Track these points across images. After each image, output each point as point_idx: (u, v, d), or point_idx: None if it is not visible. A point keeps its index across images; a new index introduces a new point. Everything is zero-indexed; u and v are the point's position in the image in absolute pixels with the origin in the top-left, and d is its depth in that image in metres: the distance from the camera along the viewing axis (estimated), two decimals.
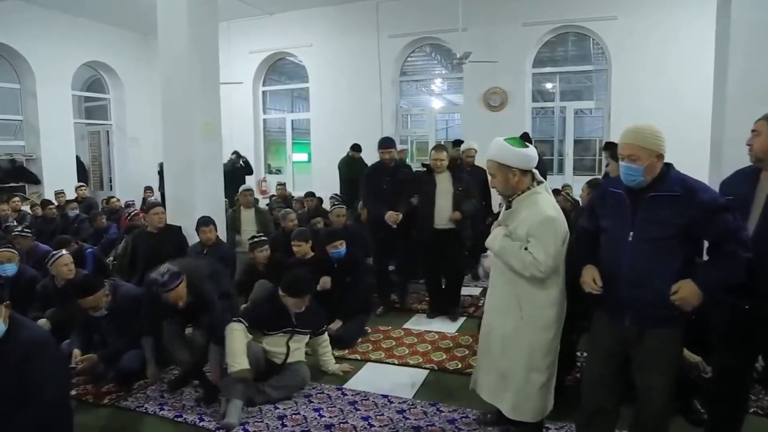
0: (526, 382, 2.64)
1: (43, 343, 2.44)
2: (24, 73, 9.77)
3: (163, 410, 3.35)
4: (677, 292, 2.10)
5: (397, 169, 5.24)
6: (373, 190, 5.18)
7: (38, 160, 9.90)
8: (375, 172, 5.28)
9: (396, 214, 4.92)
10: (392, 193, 5.04)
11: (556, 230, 2.49)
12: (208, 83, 5.99)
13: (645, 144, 2.13)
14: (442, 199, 4.78)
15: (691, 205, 2.08)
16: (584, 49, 9.32)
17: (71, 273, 4.33)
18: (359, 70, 9.86)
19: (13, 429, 2.28)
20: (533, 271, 2.49)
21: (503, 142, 2.59)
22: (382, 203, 5.03)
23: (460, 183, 4.83)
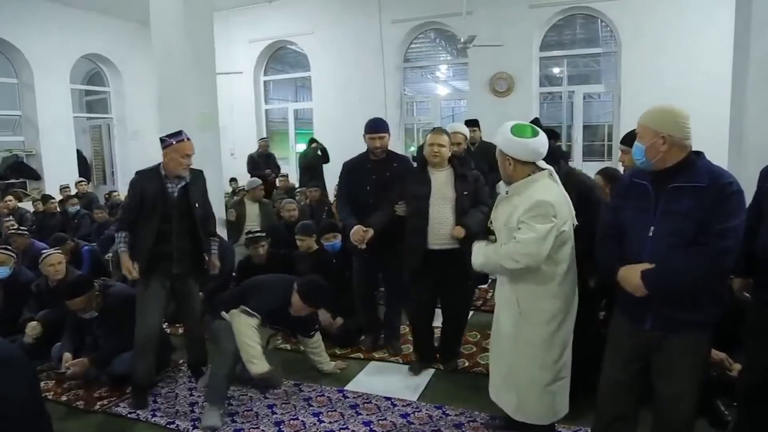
0: (529, 380, 2.49)
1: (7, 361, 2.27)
2: (21, 67, 9.63)
3: (155, 416, 3.20)
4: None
5: (389, 164, 3.76)
6: (350, 193, 3.83)
7: (38, 156, 9.79)
8: (355, 167, 3.83)
9: (364, 231, 3.50)
10: (378, 196, 3.65)
11: (547, 214, 2.32)
12: (203, 73, 5.83)
13: (649, 123, 2.00)
14: (439, 206, 3.35)
15: (711, 193, 1.89)
16: (593, 32, 9.06)
17: (58, 273, 4.17)
18: (362, 57, 9.64)
19: None
20: (524, 260, 2.34)
21: (506, 127, 2.46)
22: (363, 210, 3.66)
23: (465, 183, 3.39)
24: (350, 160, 3.88)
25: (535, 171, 2.46)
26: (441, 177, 3.39)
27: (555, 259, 2.39)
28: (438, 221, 3.35)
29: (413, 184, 3.41)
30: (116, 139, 11.54)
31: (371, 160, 3.74)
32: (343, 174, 3.90)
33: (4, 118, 9.84)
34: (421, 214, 3.35)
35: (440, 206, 3.34)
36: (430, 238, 3.35)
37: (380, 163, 3.73)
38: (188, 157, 3.27)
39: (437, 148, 3.33)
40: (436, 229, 3.35)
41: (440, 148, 3.34)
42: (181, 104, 5.66)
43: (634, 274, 2.00)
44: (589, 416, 2.49)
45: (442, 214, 3.34)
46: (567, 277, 2.44)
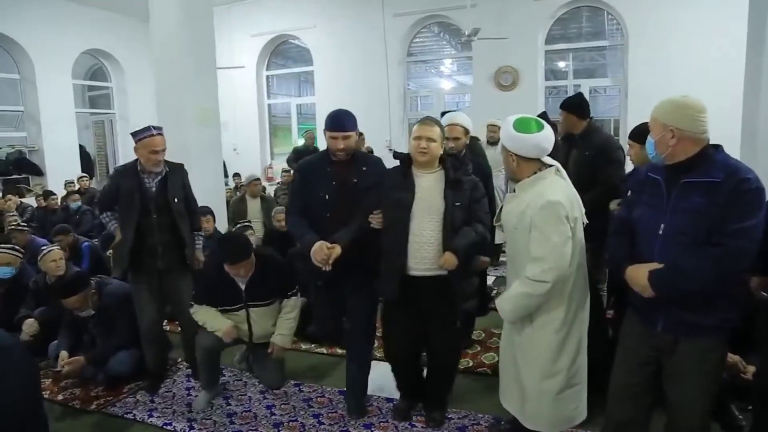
0: (539, 388, 2.38)
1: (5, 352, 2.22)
2: (23, 63, 9.55)
3: (151, 417, 3.14)
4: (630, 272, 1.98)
5: (356, 168, 2.86)
6: (303, 202, 2.92)
7: (41, 151, 9.73)
8: (311, 169, 2.94)
9: (330, 248, 2.68)
10: (339, 208, 2.81)
11: (560, 216, 2.20)
12: (203, 67, 5.76)
13: (659, 116, 1.92)
14: (423, 219, 2.62)
15: (727, 188, 1.78)
16: (599, 25, 8.92)
17: (59, 270, 4.11)
18: (364, 51, 9.53)
19: None
20: (551, 275, 2.19)
21: (509, 121, 2.35)
22: (319, 225, 2.81)
23: (458, 192, 2.65)
24: (307, 159, 3.04)
25: (542, 167, 2.36)
26: (428, 181, 2.65)
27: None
28: (420, 239, 2.60)
29: (391, 188, 2.67)
30: (119, 134, 11.47)
31: (332, 161, 2.84)
32: (297, 177, 3.00)
33: (7, 114, 9.79)
34: (399, 228, 2.62)
35: (424, 220, 2.61)
36: (411, 260, 2.63)
37: (344, 166, 2.83)
38: (157, 153, 3.28)
39: (425, 143, 2.59)
40: (418, 249, 2.61)
41: (429, 143, 2.59)
42: (180, 99, 5.60)
43: (642, 273, 1.91)
44: (598, 419, 2.41)
45: (426, 229, 2.61)
46: (578, 278, 2.34)
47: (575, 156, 3.73)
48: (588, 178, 3.56)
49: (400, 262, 2.64)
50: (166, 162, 3.39)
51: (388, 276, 2.69)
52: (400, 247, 2.63)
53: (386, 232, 2.70)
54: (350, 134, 2.78)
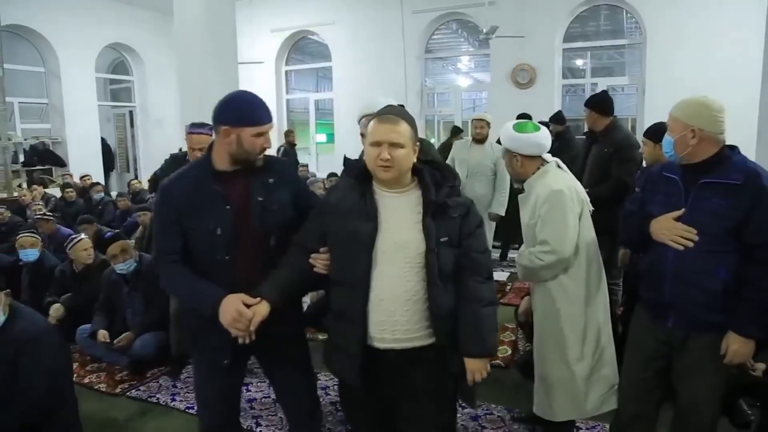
0: (560, 376, 2.46)
1: (39, 335, 2.35)
2: (48, 56, 9.77)
3: (174, 401, 3.26)
4: (728, 350, 1.90)
5: (257, 178, 1.92)
6: (176, 245, 1.90)
7: (63, 143, 9.95)
8: (187, 192, 1.88)
9: (251, 305, 1.78)
10: (245, 244, 1.89)
11: (564, 206, 2.34)
12: (225, 62, 5.88)
13: (679, 115, 1.94)
14: (392, 267, 1.72)
15: (748, 193, 1.82)
16: (617, 23, 8.90)
17: (90, 258, 4.25)
18: (383, 47, 9.60)
19: (6, 419, 2.21)
20: (549, 259, 2.34)
21: (507, 127, 2.51)
22: (216, 278, 1.86)
23: (444, 221, 1.74)
24: (177, 176, 1.93)
25: (543, 164, 2.49)
26: (398, 205, 1.76)
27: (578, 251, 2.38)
28: (389, 294, 1.71)
29: (342, 213, 1.76)
30: (139, 127, 11.67)
31: (217, 174, 1.88)
32: (161, 206, 1.93)
33: (32, 106, 10.01)
34: (355, 276, 1.73)
35: (394, 265, 1.71)
36: (374, 327, 1.73)
37: (237, 178, 1.88)
38: (194, 151, 3.40)
39: (388, 152, 1.66)
40: (385, 309, 1.71)
41: (394, 150, 1.66)
42: (202, 93, 5.71)
43: (666, 219, 1.94)
44: (608, 412, 2.45)
45: (397, 280, 1.71)
46: (590, 263, 2.44)
47: (595, 152, 3.83)
48: (605, 173, 3.66)
49: (357, 330, 1.74)
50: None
51: (339, 351, 1.82)
52: (356, 306, 1.73)
53: (336, 281, 1.81)
54: (267, 127, 1.86)
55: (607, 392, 2.48)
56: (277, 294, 1.81)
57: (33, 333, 2.34)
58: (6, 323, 2.31)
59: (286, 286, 1.85)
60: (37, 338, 2.33)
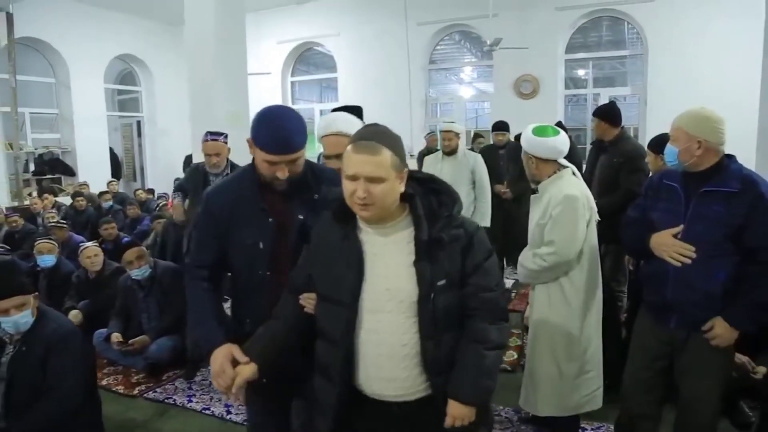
0: (557, 371, 2.57)
1: (69, 336, 2.46)
2: (58, 67, 9.93)
3: (191, 402, 3.36)
4: (711, 331, 2.01)
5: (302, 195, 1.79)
6: (214, 256, 1.83)
7: (73, 152, 10.09)
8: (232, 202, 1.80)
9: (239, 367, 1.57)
10: (284, 261, 1.75)
11: (575, 211, 2.44)
12: (234, 73, 5.99)
13: (685, 126, 2.02)
14: (382, 316, 1.47)
15: (746, 200, 1.92)
16: (619, 34, 9.03)
17: (95, 265, 4.37)
18: (387, 58, 9.73)
19: (33, 419, 2.31)
20: (552, 260, 2.46)
21: (528, 129, 2.61)
22: (254, 293, 1.82)
23: (441, 258, 1.45)
24: (223, 185, 1.91)
25: (559, 169, 2.57)
26: (385, 245, 1.49)
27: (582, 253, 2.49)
28: (380, 348, 1.48)
29: (324, 253, 1.55)
30: (146, 137, 11.81)
31: (263, 187, 1.76)
32: (204, 215, 1.86)
33: (43, 116, 10.15)
34: (333, 335, 1.53)
35: (385, 315, 1.47)
36: (365, 378, 1.52)
37: (284, 194, 1.76)
38: (210, 156, 3.54)
39: (364, 189, 1.39)
40: (376, 361, 1.50)
41: (372, 186, 1.39)
42: (211, 103, 5.82)
43: (666, 235, 2.03)
44: (612, 413, 2.54)
45: (388, 332, 1.48)
46: (591, 270, 2.54)
47: (603, 161, 3.89)
48: (613, 183, 3.74)
49: (335, 390, 1.53)
50: (233, 163, 3.69)
51: (321, 402, 1.58)
52: (335, 367, 1.53)
53: (319, 332, 1.60)
54: (299, 156, 1.70)
55: (591, 393, 2.59)
56: (267, 357, 1.59)
57: (61, 334, 2.44)
58: (34, 324, 2.42)
59: (279, 343, 1.62)
60: (64, 339, 2.44)
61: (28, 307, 2.40)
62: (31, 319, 2.41)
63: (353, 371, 1.52)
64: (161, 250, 5.45)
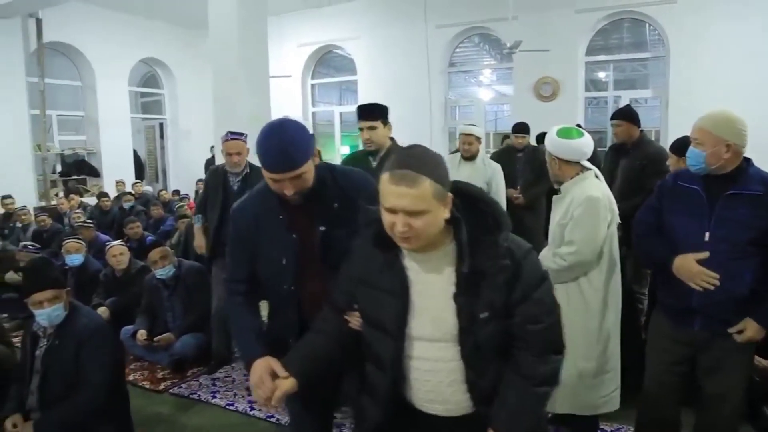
0: (575, 370, 2.57)
1: (99, 330, 2.54)
2: (85, 71, 10.16)
3: (215, 398, 3.43)
4: (742, 332, 2.02)
5: (320, 205, 1.75)
6: (249, 270, 1.84)
7: (98, 154, 10.31)
8: (255, 217, 1.80)
9: (278, 380, 1.56)
10: (309, 275, 1.78)
11: (597, 212, 2.46)
12: (257, 76, 6.05)
13: (713, 129, 2.02)
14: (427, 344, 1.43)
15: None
16: (640, 36, 8.96)
17: (120, 264, 4.48)
18: (407, 61, 9.78)
19: (66, 410, 2.39)
20: (571, 259, 2.47)
21: (552, 130, 2.62)
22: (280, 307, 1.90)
23: (482, 289, 1.37)
24: (245, 201, 1.86)
25: (582, 171, 2.59)
26: (431, 272, 1.42)
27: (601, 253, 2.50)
28: (428, 372, 1.46)
29: (369, 277, 1.48)
30: (169, 139, 12.01)
31: (282, 199, 1.70)
32: (233, 230, 1.86)
33: (69, 119, 10.39)
34: (380, 363, 1.51)
35: (431, 347, 1.43)
36: (411, 395, 1.51)
37: (303, 206, 1.71)
38: (231, 155, 3.59)
39: (404, 223, 1.29)
40: (427, 383, 1.47)
41: (412, 219, 1.29)
42: (234, 106, 5.91)
43: (691, 262, 2.02)
44: (632, 415, 2.54)
45: (434, 359, 1.44)
46: (610, 272, 2.55)
47: (626, 165, 3.82)
48: (637, 186, 3.69)
49: (386, 406, 1.51)
50: (251, 164, 3.70)
51: (367, 422, 1.57)
52: (388, 382, 1.50)
53: (368, 349, 1.56)
54: (303, 171, 1.62)
55: (608, 394, 2.60)
56: (308, 373, 1.57)
57: (91, 328, 2.53)
58: (66, 319, 2.51)
59: (320, 359, 1.59)
60: (95, 333, 2.52)
61: (61, 300, 2.48)
62: (63, 312, 2.50)
63: (401, 391, 1.50)
64: (185, 249, 5.56)
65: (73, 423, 2.39)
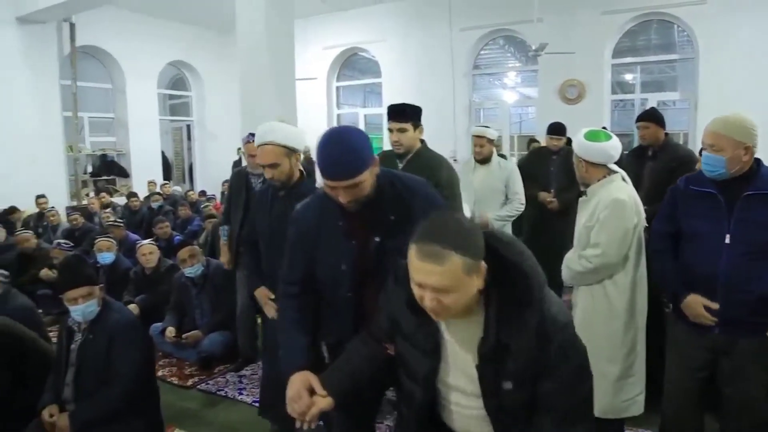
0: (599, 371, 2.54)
1: (130, 326, 2.62)
2: (115, 73, 10.41)
3: (241, 395, 3.49)
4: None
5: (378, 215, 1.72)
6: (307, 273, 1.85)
7: (127, 155, 10.55)
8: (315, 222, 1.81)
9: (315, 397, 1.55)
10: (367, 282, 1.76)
11: (623, 215, 2.45)
12: (283, 78, 6.14)
13: (731, 133, 2.02)
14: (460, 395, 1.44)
15: None
16: (668, 37, 8.83)
17: (150, 262, 4.58)
18: (431, 64, 9.80)
19: (99, 402, 2.46)
20: (597, 262, 2.47)
21: (580, 132, 2.64)
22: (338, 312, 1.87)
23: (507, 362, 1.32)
24: (304, 207, 1.87)
25: (609, 173, 2.59)
26: (462, 335, 1.40)
27: (627, 256, 2.50)
28: (464, 413, 1.46)
29: (400, 333, 1.50)
30: (196, 140, 12.21)
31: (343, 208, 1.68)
32: (292, 234, 1.86)
33: (100, 120, 10.65)
34: (411, 406, 1.53)
35: (463, 393, 1.43)
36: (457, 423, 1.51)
37: (362, 214, 1.70)
38: (252, 157, 3.64)
39: (433, 298, 1.26)
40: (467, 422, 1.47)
41: (440, 296, 1.25)
42: (261, 108, 6.00)
43: (699, 306, 2.10)
44: (658, 420, 2.52)
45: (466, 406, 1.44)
46: (636, 274, 2.55)
47: (654, 167, 3.68)
48: (667, 189, 3.62)
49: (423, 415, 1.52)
50: None
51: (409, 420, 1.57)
52: (423, 419, 1.52)
53: (404, 382, 1.55)
54: (359, 180, 1.60)
55: (632, 398, 2.58)
56: (345, 394, 1.57)
57: (123, 324, 2.60)
58: (99, 314, 2.59)
59: (359, 382, 1.59)
60: (126, 328, 2.60)
61: (95, 297, 2.55)
62: (96, 308, 2.57)
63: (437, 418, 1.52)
64: (211, 249, 5.65)
65: (106, 414, 2.46)
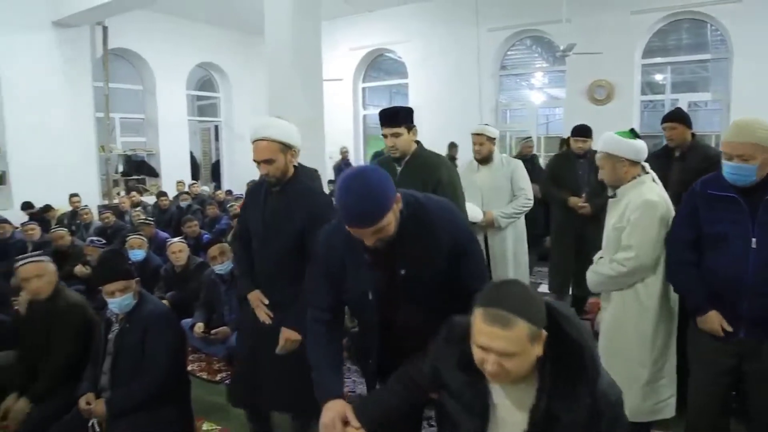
0: (630, 374, 2.53)
1: (164, 317, 2.69)
2: (145, 75, 10.62)
3: None
4: None
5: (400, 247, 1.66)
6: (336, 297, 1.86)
7: (157, 155, 10.75)
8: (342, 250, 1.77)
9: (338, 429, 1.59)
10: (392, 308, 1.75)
11: (654, 216, 2.41)
12: (310, 79, 6.20)
13: (759, 141, 1.99)
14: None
15: None
16: (701, 37, 8.66)
17: (179, 260, 4.66)
18: (458, 64, 9.79)
19: (133, 390, 2.53)
20: (630, 265, 2.43)
21: (609, 134, 2.59)
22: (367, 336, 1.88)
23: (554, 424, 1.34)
24: (332, 230, 1.81)
25: (640, 174, 2.56)
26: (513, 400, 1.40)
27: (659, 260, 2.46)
28: None
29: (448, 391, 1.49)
30: (223, 141, 12.38)
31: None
32: (319, 257, 1.85)
33: (130, 121, 10.88)
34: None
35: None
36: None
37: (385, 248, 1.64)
38: None
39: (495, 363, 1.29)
40: None
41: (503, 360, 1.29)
42: (288, 109, 6.06)
43: (717, 322, 2.12)
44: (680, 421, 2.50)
45: None
46: (666, 280, 2.50)
47: (683, 168, 3.61)
48: None
49: None
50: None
51: None
52: None
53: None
54: (383, 224, 1.55)
55: (663, 401, 2.54)
56: (378, 429, 1.59)
57: (156, 315, 2.68)
58: (135, 306, 2.66)
59: (393, 418, 1.61)
60: (160, 319, 2.67)
61: (131, 290, 2.63)
62: (132, 301, 2.65)
63: None
64: None
65: (139, 401, 2.53)
